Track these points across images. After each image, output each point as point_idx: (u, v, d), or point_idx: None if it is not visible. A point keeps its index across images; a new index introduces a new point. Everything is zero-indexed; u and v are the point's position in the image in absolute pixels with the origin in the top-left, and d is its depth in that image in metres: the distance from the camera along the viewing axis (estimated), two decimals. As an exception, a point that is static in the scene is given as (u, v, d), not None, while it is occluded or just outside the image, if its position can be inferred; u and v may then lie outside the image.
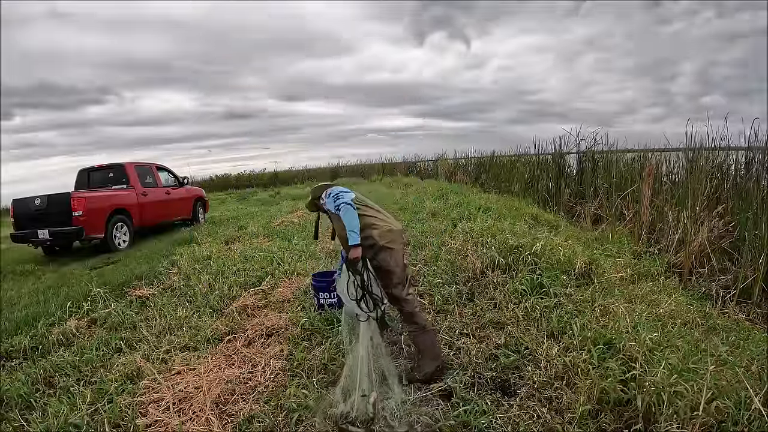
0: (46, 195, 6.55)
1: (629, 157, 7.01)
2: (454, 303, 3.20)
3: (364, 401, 1.87)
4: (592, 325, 2.44)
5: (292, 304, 3.45)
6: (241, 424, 1.97)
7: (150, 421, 2.03)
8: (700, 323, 2.81)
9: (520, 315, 2.81)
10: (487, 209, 6.14)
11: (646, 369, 1.92)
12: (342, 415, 1.86)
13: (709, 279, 3.81)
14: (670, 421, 1.66)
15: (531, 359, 2.32)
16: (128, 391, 2.27)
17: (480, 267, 3.59)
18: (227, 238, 6.17)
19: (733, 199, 4.62)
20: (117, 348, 2.87)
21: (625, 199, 5.91)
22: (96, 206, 6.53)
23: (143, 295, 3.91)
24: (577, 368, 2.08)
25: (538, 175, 8.77)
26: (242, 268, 4.44)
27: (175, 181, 8.83)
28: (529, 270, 3.34)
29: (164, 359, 2.65)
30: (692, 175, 4.93)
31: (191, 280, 4.17)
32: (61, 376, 2.53)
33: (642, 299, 3.05)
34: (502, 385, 2.17)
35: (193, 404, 2.13)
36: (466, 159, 14.89)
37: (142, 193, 7.52)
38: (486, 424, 1.85)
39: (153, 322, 3.24)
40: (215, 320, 3.23)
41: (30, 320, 3.40)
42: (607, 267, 3.63)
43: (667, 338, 2.29)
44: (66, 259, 6.70)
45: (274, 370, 2.47)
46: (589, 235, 5.28)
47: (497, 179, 10.83)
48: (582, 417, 1.81)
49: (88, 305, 3.61)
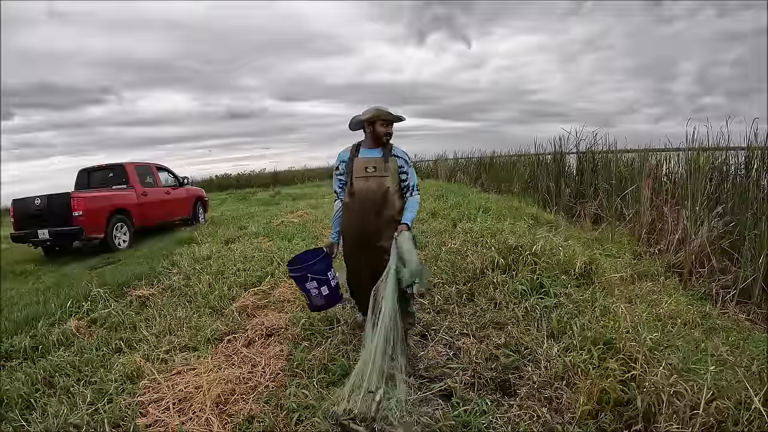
0: (46, 195, 6.54)
1: (629, 157, 7.01)
2: (454, 303, 3.20)
3: (370, 398, 1.86)
4: (592, 325, 2.44)
5: (292, 304, 3.45)
6: (241, 424, 1.97)
7: (150, 421, 2.03)
8: (700, 323, 2.81)
9: (520, 315, 2.81)
10: (487, 209, 6.14)
11: (646, 369, 1.92)
12: (345, 412, 1.85)
13: (709, 279, 3.81)
14: (670, 421, 1.66)
15: (531, 359, 2.32)
16: (128, 391, 2.27)
17: (480, 267, 3.59)
18: (227, 238, 6.17)
19: (733, 199, 4.61)
20: (117, 348, 2.87)
21: (625, 199, 5.91)
22: (96, 206, 6.53)
23: (143, 295, 3.91)
24: (577, 368, 2.08)
25: (538, 175, 8.77)
26: (242, 268, 4.44)
27: (175, 181, 8.83)
28: (529, 270, 3.34)
29: (164, 359, 2.65)
30: (692, 175, 4.93)
31: (191, 280, 4.17)
32: (61, 376, 2.52)
33: (642, 299, 3.05)
34: (502, 385, 2.17)
35: (193, 404, 2.13)
36: (466, 159, 14.90)
37: (142, 193, 7.51)
38: (486, 424, 1.85)
39: (153, 322, 3.24)
40: (215, 320, 3.23)
41: (30, 320, 3.40)
42: (607, 267, 3.63)
43: (667, 338, 2.29)
44: (66, 259, 6.70)
45: (274, 370, 2.46)
46: (589, 235, 5.28)
47: (497, 179, 10.82)
48: (582, 417, 1.81)
49: (88, 305, 3.61)
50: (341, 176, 2.52)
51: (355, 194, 2.45)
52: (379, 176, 2.42)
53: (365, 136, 2.52)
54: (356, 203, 2.45)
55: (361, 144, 2.52)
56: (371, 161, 2.45)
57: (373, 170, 2.43)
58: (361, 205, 2.44)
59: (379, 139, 2.45)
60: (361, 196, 2.43)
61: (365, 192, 2.43)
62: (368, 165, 2.44)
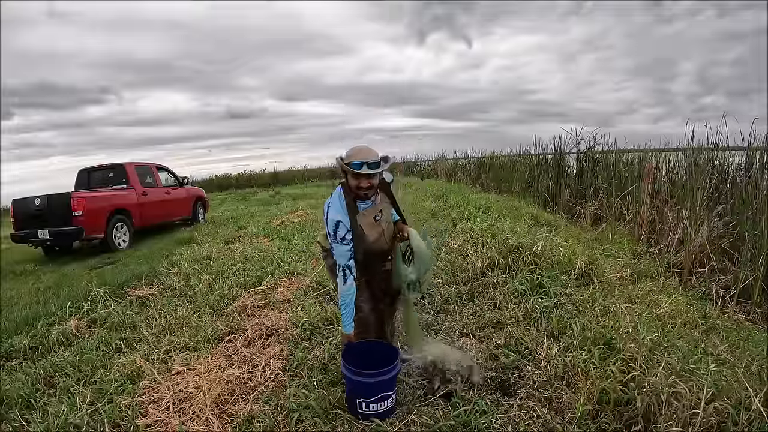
0: (46, 195, 6.54)
1: (629, 157, 7.01)
2: (454, 303, 3.20)
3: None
4: (592, 325, 2.44)
5: (292, 304, 3.44)
6: (241, 424, 1.97)
7: (150, 421, 2.03)
8: (700, 323, 2.81)
9: (520, 315, 2.81)
10: (487, 209, 6.14)
11: (646, 369, 1.92)
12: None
13: (709, 279, 3.80)
14: (669, 421, 1.66)
15: (531, 359, 2.32)
16: (128, 391, 2.27)
17: (480, 267, 3.59)
18: (227, 238, 6.17)
19: (733, 199, 4.61)
20: (117, 348, 2.87)
21: (625, 199, 5.91)
22: (96, 206, 6.53)
23: (143, 295, 3.91)
24: (577, 368, 2.08)
25: (538, 175, 8.76)
26: (242, 268, 4.44)
27: (175, 181, 8.83)
28: (529, 270, 3.34)
29: (164, 359, 2.65)
30: (692, 175, 4.93)
31: (191, 280, 4.17)
32: (61, 376, 2.53)
33: (642, 299, 3.05)
34: (502, 385, 2.17)
35: (193, 404, 2.13)
36: (466, 159, 14.90)
37: (142, 193, 7.51)
38: (486, 424, 1.85)
39: (153, 322, 3.24)
40: (215, 320, 3.23)
41: (30, 320, 3.40)
42: (607, 267, 3.64)
43: (667, 338, 2.29)
44: (66, 259, 6.70)
45: (274, 370, 2.46)
46: (589, 235, 5.28)
47: (497, 179, 10.82)
48: (582, 417, 1.81)
49: (88, 305, 3.61)
50: (347, 244, 1.90)
51: (366, 250, 2.00)
52: (387, 220, 2.08)
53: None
54: (368, 257, 2.02)
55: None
56: (376, 209, 2.01)
57: (380, 214, 2.03)
58: (376, 257, 2.07)
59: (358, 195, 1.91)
60: (374, 248, 2.04)
61: (378, 243, 2.03)
62: (375, 213, 2.00)
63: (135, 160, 7.91)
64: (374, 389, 1.87)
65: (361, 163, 1.82)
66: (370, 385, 1.86)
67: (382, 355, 1.98)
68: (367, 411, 1.89)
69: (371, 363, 1.88)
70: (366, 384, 1.86)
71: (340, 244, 1.89)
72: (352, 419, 1.93)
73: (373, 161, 1.84)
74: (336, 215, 1.89)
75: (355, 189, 1.89)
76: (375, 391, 1.87)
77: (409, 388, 2.17)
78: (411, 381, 2.22)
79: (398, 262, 2.15)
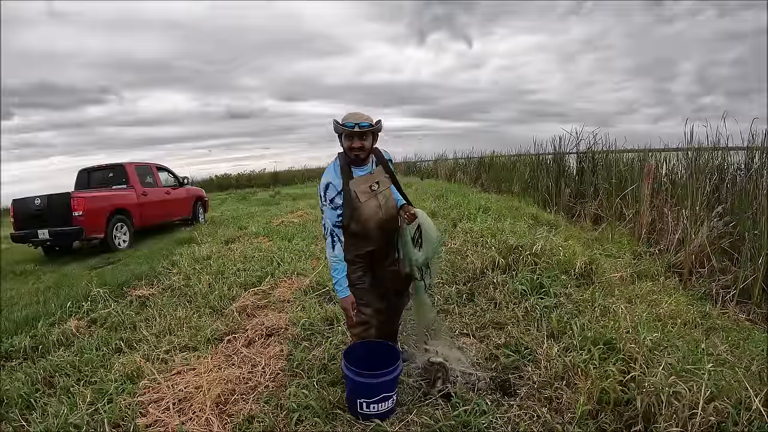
0: (46, 195, 6.55)
1: (629, 157, 7.01)
2: (454, 303, 3.20)
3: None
4: (592, 325, 2.44)
5: (292, 304, 3.44)
6: (241, 424, 1.97)
7: (150, 421, 2.03)
8: (700, 323, 2.81)
9: (520, 315, 2.81)
10: (487, 209, 6.14)
11: (646, 369, 1.92)
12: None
13: (709, 279, 3.80)
14: (669, 421, 1.66)
15: (531, 359, 2.32)
16: (128, 391, 2.27)
17: (480, 267, 3.59)
18: (227, 238, 6.17)
19: (733, 199, 4.61)
20: (117, 348, 2.87)
21: (625, 199, 5.91)
22: (96, 206, 6.53)
23: (143, 295, 3.91)
24: (577, 368, 2.08)
25: (538, 175, 8.76)
26: (242, 268, 4.44)
27: (175, 181, 8.83)
28: (529, 270, 3.34)
29: (164, 359, 2.65)
30: (692, 175, 4.93)
31: (191, 280, 4.17)
32: (61, 376, 2.53)
33: (642, 299, 3.05)
34: (502, 385, 2.17)
35: (193, 404, 2.13)
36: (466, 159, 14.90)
37: (142, 193, 7.52)
38: (486, 424, 1.85)
39: (153, 322, 3.24)
40: (215, 320, 3.23)
41: (30, 320, 3.40)
42: (607, 267, 3.64)
43: (667, 338, 2.29)
44: (66, 259, 6.70)
45: (274, 370, 2.46)
46: (589, 235, 5.28)
47: (497, 179, 10.82)
48: (582, 417, 1.81)
49: (88, 305, 3.61)
50: (336, 208, 1.94)
51: (363, 223, 1.99)
52: (386, 191, 2.08)
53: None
54: (365, 232, 2.01)
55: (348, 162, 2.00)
56: (371, 178, 2.03)
57: (377, 185, 2.04)
58: (374, 233, 2.03)
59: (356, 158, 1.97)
60: (372, 223, 2.01)
61: (375, 216, 2.01)
62: (370, 182, 2.02)
63: (135, 160, 7.92)
64: (376, 390, 1.87)
65: (354, 124, 1.92)
66: (372, 385, 1.87)
67: (384, 356, 1.99)
68: (367, 411, 1.90)
69: (373, 363, 1.89)
70: (367, 384, 1.87)
71: (328, 207, 1.96)
72: (352, 419, 1.93)
73: (365, 123, 1.94)
74: (327, 177, 1.97)
75: (348, 150, 1.96)
76: (376, 391, 1.87)
77: (409, 388, 2.18)
78: (411, 381, 2.23)
79: (407, 247, 2.09)
